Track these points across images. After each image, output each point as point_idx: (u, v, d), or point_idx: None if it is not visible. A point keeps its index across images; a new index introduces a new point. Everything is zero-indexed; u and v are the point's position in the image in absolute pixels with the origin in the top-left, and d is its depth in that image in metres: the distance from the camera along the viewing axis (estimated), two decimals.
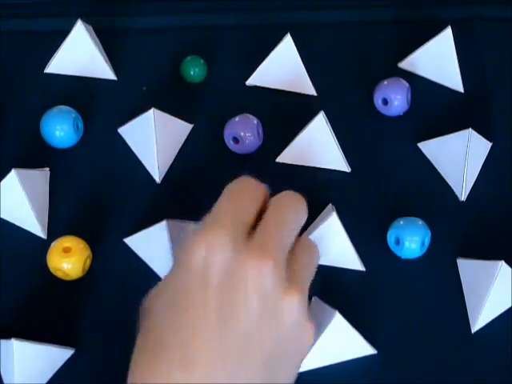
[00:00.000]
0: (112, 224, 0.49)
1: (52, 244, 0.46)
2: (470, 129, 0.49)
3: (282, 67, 0.52)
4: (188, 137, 0.51)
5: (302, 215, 0.39)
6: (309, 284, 0.38)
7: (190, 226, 0.39)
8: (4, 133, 0.51)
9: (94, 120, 0.52)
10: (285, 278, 0.36)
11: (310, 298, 0.47)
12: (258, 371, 0.35)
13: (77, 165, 0.50)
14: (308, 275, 0.38)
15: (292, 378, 0.37)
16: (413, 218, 0.48)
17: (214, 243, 0.35)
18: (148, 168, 0.50)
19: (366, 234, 0.49)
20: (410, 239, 0.47)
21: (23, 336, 0.44)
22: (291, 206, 0.39)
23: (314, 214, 0.49)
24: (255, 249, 0.35)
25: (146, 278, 0.47)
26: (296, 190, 0.50)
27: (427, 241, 0.47)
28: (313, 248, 0.40)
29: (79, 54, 0.52)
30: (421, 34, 0.53)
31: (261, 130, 0.50)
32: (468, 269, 0.48)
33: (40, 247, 0.47)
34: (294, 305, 0.35)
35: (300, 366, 0.38)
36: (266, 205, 0.39)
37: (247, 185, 0.39)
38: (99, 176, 0.50)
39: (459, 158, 0.49)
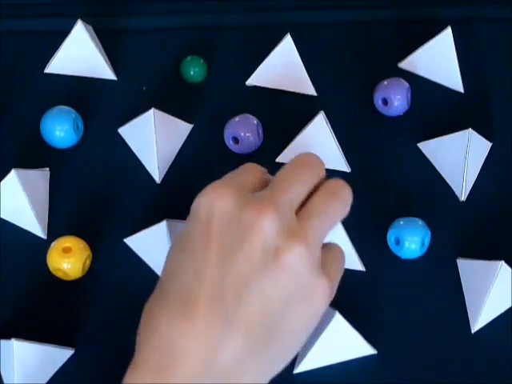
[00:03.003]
0: (112, 224, 0.49)
1: (52, 244, 0.46)
2: (470, 129, 0.49)
3: (282, 67, 0.52)
4: (188, 137, 0.51)
5: (314, 172, 0.39)
6: (320, 227, 0.37)
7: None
8: (4, 133, 0.51)
9: (94, 120, 0.52)
10: (290, 225, 0.35)
11: None
12: (254, 318, 0.34)
13: (77, 165, 0.50)
14: (319, 220, 0.37)
15: (301, 331, 0.36)
16: (413, 218, 0.48)
17: (219, 193, 0.36)
18: (148, 168, 0.50)
19: (366, 234, 0.49)
20: (410, 239, 0.47)
21: (23, 336, 0.44)
22: (300, 165, 0.39)
23: None
24: (259, 199, 0.36)
25: (146, 278, 0.47)
26: None
27: (427, 241, 0.47)
28: (333, 188, 0.39)
29: (79, 54, 0.52)
30: (421, 34, 0.53)
31: (261, 130, 0.50)
32: (468, 269, 0.48)
33: (40, 247, 0.47)
34: (296, 254, 0.35)
35: (312, 328, 0.37)
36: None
37: (247, 164, 0.41)
38: (99, 176, 0.50)
39: (459, 158, 0.49)
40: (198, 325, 0.33)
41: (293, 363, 0.45)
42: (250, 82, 0.53)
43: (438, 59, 0.53)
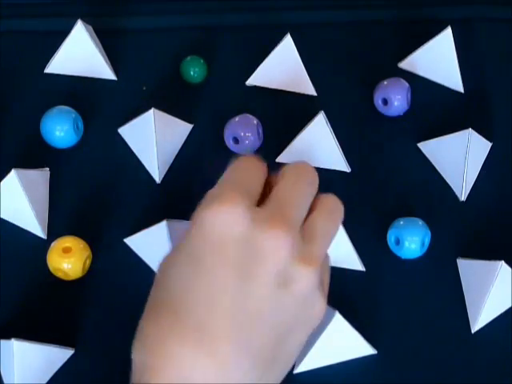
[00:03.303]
0: (112, 224, 0.49)
1: (52, 244, 0.46)
2: (470, 129, 0.49)
3: (282, 67, 0.52)
4: (188, 137, 0.51)
5: (314, 185, 0.39)
6: (326, 249, 0.37)
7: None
8: (4, 133, 0.51)
9: (94, 120, 0.52)
10: (300, 248, 0.35)
11: None
12: (269, 343, 0.34)
13: (77, 165, 0.50)
14: (325, 242, 0.37)
15: (297, 350, 0.37)
16: (413, 218, 0.48)
17: (229, 214, 0.35)
18: (148, 168, 0.50)
19: (366, 234, 0.49)
20: (410, 239, 0.47)
21: (23, 336, 0.44)
22: (302, 176, 0.38)
23: None
24: (270, 219, 0.35)
25: (146, 278, 0.47)
26: None
27: (427, 241, 0.47)
28: (332, 206, 0.39)
29: (79, 54, 0.52)
30: (421, 34, 0.53)
31: (261, 130, 0.50)
32: (468, 269, 0.48)
33: (40, 247, 0.47)
34: (308, 276, 0.35)
35: (305, 340, 0.37)
36: (270, 180, 0.39)
37: (251, 160, 0.39)
38: (99, 176, 0.50)
39: (459, 158, 0.49)
40: (216, 360, 0.33)
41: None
42: (250, 82, 0.53)
43: (438, 59, 0.53)
